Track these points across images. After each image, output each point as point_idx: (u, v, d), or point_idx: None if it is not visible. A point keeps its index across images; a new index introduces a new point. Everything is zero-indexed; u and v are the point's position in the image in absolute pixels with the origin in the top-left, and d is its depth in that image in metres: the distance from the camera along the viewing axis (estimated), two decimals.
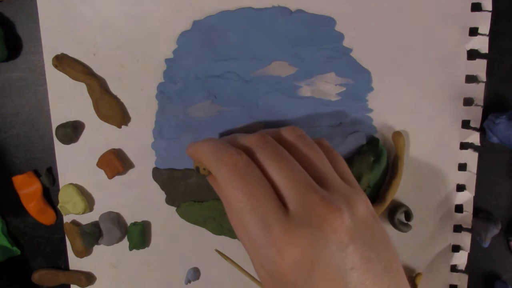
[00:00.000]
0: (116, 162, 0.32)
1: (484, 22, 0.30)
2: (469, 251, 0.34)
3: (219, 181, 0.23)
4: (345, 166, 0.26)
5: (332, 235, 0.20)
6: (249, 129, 0.31)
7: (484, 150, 0.32)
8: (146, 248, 0.35)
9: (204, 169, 0.31)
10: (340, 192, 0.23)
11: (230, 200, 0.22)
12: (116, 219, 0.33)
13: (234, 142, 0.25)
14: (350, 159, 0.31)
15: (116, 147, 0.33)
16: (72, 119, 0.32)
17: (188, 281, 0.35)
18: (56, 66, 0.30)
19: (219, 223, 0.33)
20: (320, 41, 0.30)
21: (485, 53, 0.30)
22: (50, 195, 0.34)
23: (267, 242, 0.21)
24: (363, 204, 0.23)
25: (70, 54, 0.31)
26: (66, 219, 0.34)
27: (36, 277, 0.35)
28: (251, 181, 0.22)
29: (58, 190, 0.33)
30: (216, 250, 0.34)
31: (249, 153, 0.24)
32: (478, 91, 0.31)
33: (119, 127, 0.32)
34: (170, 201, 0.33)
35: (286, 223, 0.21)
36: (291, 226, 0.21)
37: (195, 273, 0.35)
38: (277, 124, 0.31)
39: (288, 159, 0.23)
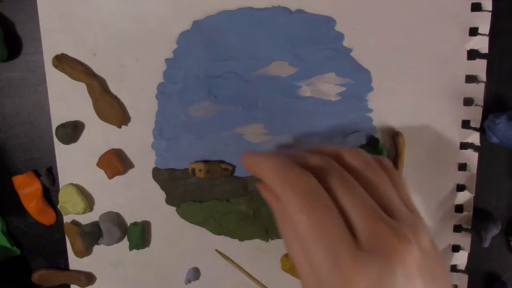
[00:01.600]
0: (116, 162, 0.32)
1: (484, 22, 0.30)
2: (469, 251, 0.34)
3: (283, 201, 0.22)
4: (406, 190, 0.25)
5: (401, 267, 0.20)
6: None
7: (484, 150, 0.32)
8: (146, 248, 0.35)
9: (200, 170, 0.31)
10: (406, 221, 0.22)
11: (294, 222, 0.22)
12: (116, 219, 0.33)
13: (298, 161, 0.24)
14: None
15: (116, 147, 0.33)
16: (72, 119, 0.32)
17: (188, 281, 0.35)
18: (56, 66, 0.30)
19: (219, 223, 0.33)
20: (320, 41, 0.30)
21: (485, 53, 0.30)
22: (50, 195, 0.34)
23: (333, 271, 0.20)
24: (427, 234, 0.23)
25: (70, 54, 0.31)
26: (66, 219, 0.34)
27: (36, 277, 0.35)
28: (320, 206, 0.21)
29: (58, 190, 0.33)
30: (216, 250, 0.34)
31: (315, 176, 0.23)
32: (478, 91, 0.31)
33: (119, 127, 0.32)
34: (170, 201, 0.33)
35: (355, 252, 0.20)
36: (360, 256, 0.20)
37: (195, 273, 0.35)
38: (277, 124, 0.31)
39: (356, 187, 0.23)
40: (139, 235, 0.33)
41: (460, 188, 0.33)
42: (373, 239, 0.21)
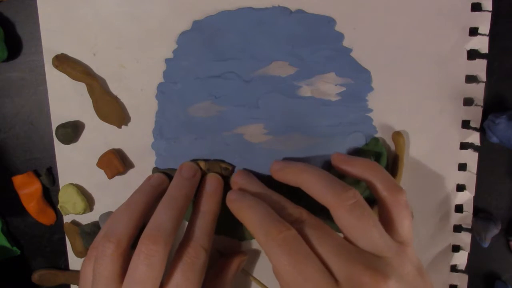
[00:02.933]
0: (116, 162, 0.32)
1: (484, 22, 0.30)
2: (469, 251, 0.34)
3: (267, 253, 0.24)
4: (398, 214, 0.26)
5: None
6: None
7: (484, 150, 0.32)
8: None
9: (200, 168, 0.31)
10: (387, 253, 0.24)
11: (280, 272, 0.24)
12: None
13: (278, 212, 0.26)
14: None
15: (116, 147, 0.33)
16: (72, 119, 0.32)
17: None
18: (56, 66, 0.30)
19: (219, 223, 0.33)
20: (320, 41, 0.30)
21: (485, 53, 0.30)
22: (50, 195, 0.34)
23: None
24: (410, 261, 0.25)
25: (70, 54, 0.31)
26: (66, 219, 0.34)
27: (36, 277, 0.35)
28: (301, 257, 0.23)
29: (58, 190, 0.33)
30: (217, 250, 0.34)
31: (295, 225, 0.25)
32: (478, 91, 0.31)
33: (119, 127, 0.32)
34: None
35: None
36: None
37: None
38: (277, 124, 0.31)
39: (331, 236, 0.25)
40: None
41: (460, 188, 0.33)
42: (350, 280, 0.23)
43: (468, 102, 0.31)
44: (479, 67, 0.31)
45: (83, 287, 0.27)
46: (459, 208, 0.33)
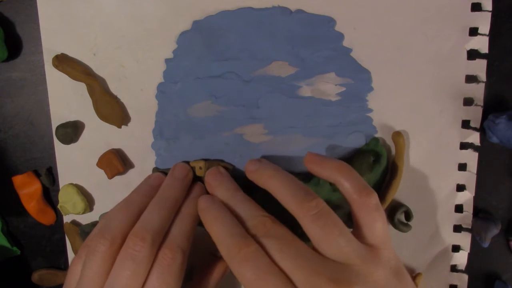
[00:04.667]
0: (116, 162, 0.32)
1: (484, 22, 0.30)
2: (469, 251, 0.34)
3: (231, 268, 0.24)
4: (368, 217, 0.26)
5: None
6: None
7: (484, 150, 0.32)
8: None
9: (200, 168, 0.31)
10: (355, 261, 0.24)
11: (245, 285, 0.24)
12: None
13: (244, 222, 0.26)
14: (350, 159, 0.31)
15: (116, 147, 0.33)
16: (72, 119, 0.32)
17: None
18: (56, 66, 0.30)
19: None
20: (320, 41, 0.30)
21: (485, 53, 0.30)
22: (50, 195, 0.34)
23: None
24: (381, 266, 0.24)
25: (70, 54, 0.31)
26: (66, 219, 0.34)
27: (36, 277, 0.35)
28: (261, 272, 0.23)
29: (58, 190, 0.33)
30: (211, 253, 0.34)
31: (258, 236, 0.25)
32: (478, 91, 0.31)
33: (119, 127, 0.32)
34: None
35: None
36: None
37: (189, 273, 0.35)
38: (277, 124, 0.31)
39: (292, 246, 0.24)
40: None
41: (460, 188, 0.33)
42: None
43: (468, 102, 0.31)
44: (479, 67, 0.31)
45: (67, 286, 0.27)
46: (459, 208, 0.33)
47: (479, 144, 0.32)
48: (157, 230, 0.26)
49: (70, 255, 0.35)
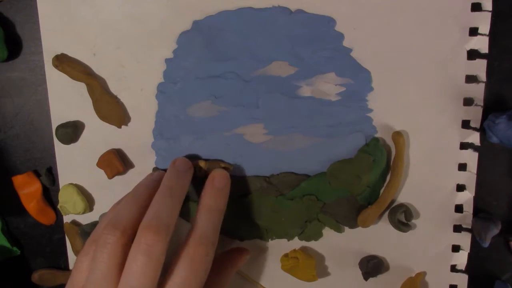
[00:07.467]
0: (116, 162, 0.32)
1: (484, 22, 0.30)
2: (469, 251, 0.34)
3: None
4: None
5: None
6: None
7: (484, 150, 0.32)
8: None
9: (200, 168, 0.31)
10: None
11: None
12: None
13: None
14: (350, 159, 0.31)
15: (116, 147, 0.33)
16: (72, 119, 0.32)
17: None
18: (56, 66, 0.30)
19: None
20: (320, 41, 0.30)
21: (485, 53, 0.30)
22: (50, 195, 0.34)
23: None
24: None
25: (70, 54, 0.31)
26: (66, 219, 0.34)
27: (36, 277, 0.35)
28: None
29: (58, 190, 0.33)
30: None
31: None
32: (478, 91, 0.31)
33: (119, 127, 0.32)
34: None
35: None
36: None
37: None
38: (277, 124, 0.31)
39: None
40: None
41: (460, 188, 0.33)
42: None
43: (468, 102, 0.31)
44: (479, 67, 0.31)
45: (74, 284, 0.26)
46: (459, 208, 0.33)
47: (479, 144, 0.32)
48: (169, 221, 0.25)
49: (70, 255, 0.35)
